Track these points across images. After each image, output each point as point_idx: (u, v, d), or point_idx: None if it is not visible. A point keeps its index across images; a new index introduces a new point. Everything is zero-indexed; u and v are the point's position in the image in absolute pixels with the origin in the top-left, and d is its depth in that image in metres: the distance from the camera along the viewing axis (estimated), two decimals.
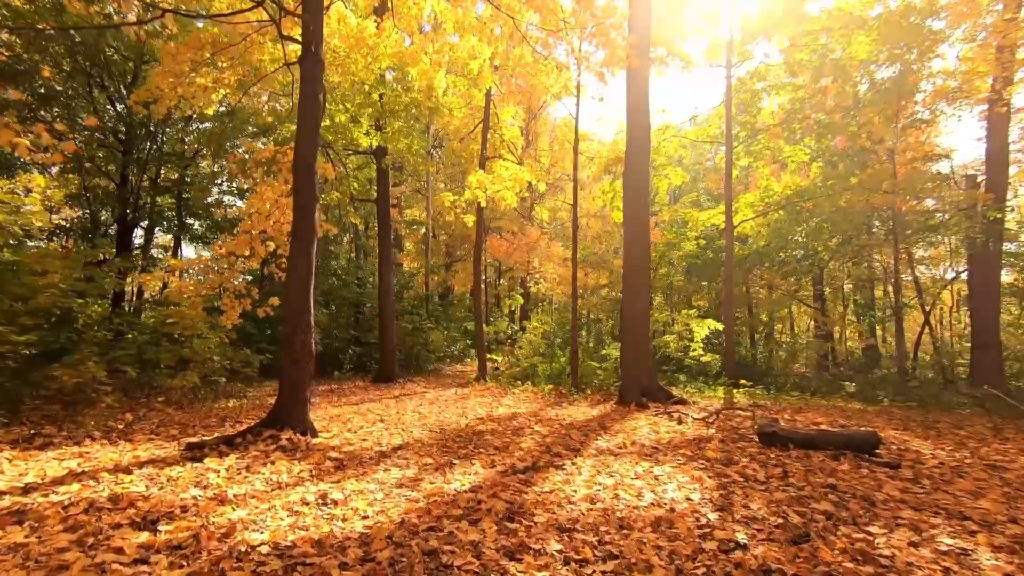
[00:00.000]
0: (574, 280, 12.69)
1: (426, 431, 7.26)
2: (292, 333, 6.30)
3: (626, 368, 10.48)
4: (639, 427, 7.36)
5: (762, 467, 5.10)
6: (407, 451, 5.92)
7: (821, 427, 7.16)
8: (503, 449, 6.01)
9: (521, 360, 15.10)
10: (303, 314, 6.37)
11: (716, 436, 6.53)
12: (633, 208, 10.76)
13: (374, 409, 9.59)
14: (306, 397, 6.33)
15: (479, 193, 12.55)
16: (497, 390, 12.76)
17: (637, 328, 10.50)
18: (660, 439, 6.46)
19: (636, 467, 5.13)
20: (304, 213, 6.48)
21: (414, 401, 10.88)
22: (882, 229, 16.41)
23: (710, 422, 7.52)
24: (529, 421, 8.18)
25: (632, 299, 10.57)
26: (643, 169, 10.79)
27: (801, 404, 10.12)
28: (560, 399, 11.29)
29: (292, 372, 6.26)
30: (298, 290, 6.38)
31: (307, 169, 6.54)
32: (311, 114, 6.60)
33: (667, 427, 7.33)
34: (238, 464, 4.96)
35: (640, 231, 10.67)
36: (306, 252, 6.46)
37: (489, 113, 15.30)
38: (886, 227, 15.97)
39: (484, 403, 10.60)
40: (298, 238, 6.46)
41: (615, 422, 7.96)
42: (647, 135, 10.93)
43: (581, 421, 8.11)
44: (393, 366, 14.65)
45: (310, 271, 6.48)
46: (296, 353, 6.27)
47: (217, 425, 7.35)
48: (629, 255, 10.69)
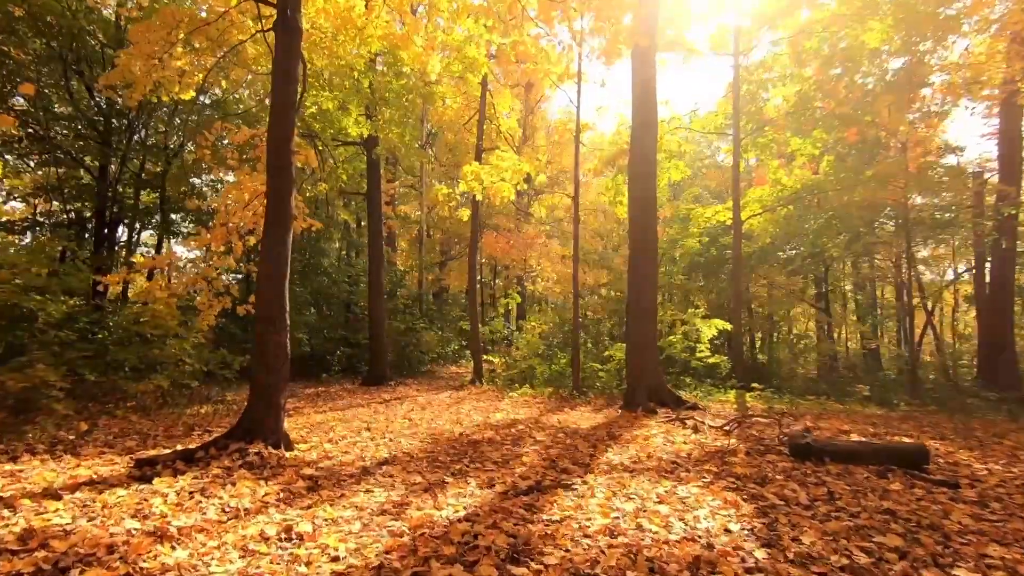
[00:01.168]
0: (575, 277, 12.00)
1: (416, 441, 6.55)
2: (265, 332, 5.58)
3: (632, 370, 9.81)
4: (652, 436, 6.67)
5: (801, 487, 4.42)
6: (394, 466, 5.20)
7: (860, 439, 6.50)
8: (502, 464, 5.31)
9: (519, 361, 14.40)
10: (277, 311, 5.65)
11: (740, 448, 5.85)
12: (639, 195, 10.09)
13: (361, 415, 8.86)
14: (280, 404, 5.61)
15: (474, 185, 11.84)
16: (493, 393, 12.05)
17: (644, 326, 9.83)
18: (678, 451, 5.77)
19: (657, 487, 4.44)
20: (279, 197, 5.77)
21: (405, 405, 10.16)
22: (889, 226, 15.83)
23: (729, 431, 6.84)
24: (529, 429, 7.48)
25: (638, 294, 9.90)
26: (650, 153, 10.12)
27: (819, 409, 9.47)
28: (561, 403, 10.60)
29: (264, 376, 5.54)
30: (272, 284, 5.67)
31: (283, 149, 5.82)
32: (286, 87, 5.89)
33: (683, 436, 6.64)
34: (193, 485, 4.23)
35: (647, 220, 10.01)
36: (281, 241, 5.74)
37: (485, 103, 14.60)
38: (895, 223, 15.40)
39: (480, 408, 9.89)
40: (273, 225, 5.74)
41: (624, 430, 7.27)
42: (654, 118, 10.27)
43: (586, 429, 7.42)
44: (384, 368, 13.92)
45: (285, 262, 5.76)
46: (269, 355, 5.55)
47: (183, 435, 6.61)
48: (635, 246, 10.02)
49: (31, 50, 14.67)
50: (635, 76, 10.47)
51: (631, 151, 10.34)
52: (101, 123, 16.06)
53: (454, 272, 25.28)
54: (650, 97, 10.31)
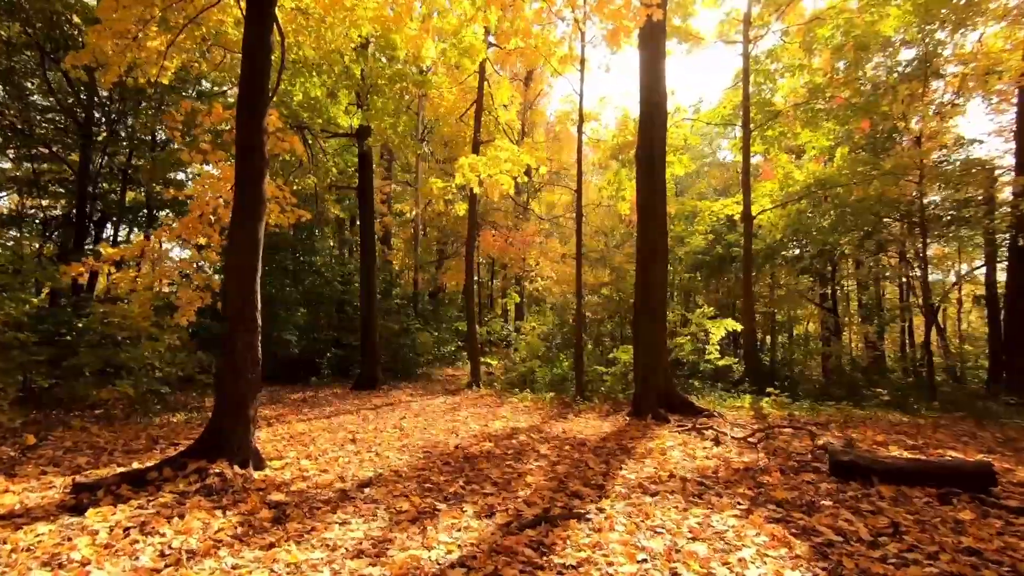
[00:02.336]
0: (578, 275, 11.33)
1: (406, 455, 5.86)
2: (232, 332, 4.89)
3: (641, 373, 9.13)
4: (669, 449, 6.00)
5: (857, 516, 3.75)
6: (378, 488, 4.51)
7: (907, 455, 5.84)
8: (503, 485, 4.62)
9: (518, 364, 13.72)
10: (247, 308, 4.95)
11: (771, 464, 5.18)
12: (648, 186, 9.43)
13: (348, 423, 8.16)
14: (250, 416, 4.91)
15: (471, 178, 11.13)
16: (492, 398, 11.37)
17: (653, 325, 9.16)
18: (702, 468, 5.09)
19: (687, 517, 3.76)
20: (250, 180, 5.07)
21: (397, 412, 9.46)
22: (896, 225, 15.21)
23: (754, 442, 6.18)
24: (532, 440, 6.80)
25: (647, 292, 9.23)
26: (660, 140, 9.47)
27: (841, 416, 8.81)
28: (564, 409, 9.92)
29: (231, 383, 4.84)
30: (241, 277, 4.97)
31: (253, 125, 5.13)
32: (257, 52, 5.19)
33: (703, 450, 5.97)
34: (133, 518, 3.54)
35: (656, 213, 9.34)
36: (251, 230, 5.04)
37: (483, 93, 13.93)
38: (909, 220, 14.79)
39: (477, 415, 9.21)
40: (242, 213, 5.05)
41: (636, 441, 6.60)
42: (663, 101, 9.61)
43: (594, 439, 6.74)
44: (376, 371, 13.21)
45: (256, 253, 5.06)
46: (237, 358, 4.85)
47: (144, 449, 5.91)
48: (644, 241, 9.36)
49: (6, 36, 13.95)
50: (643, 56, 9.82)
51: (639, 138, 9.67)
52: (81, 115, 15.35)
53: (451, 271, 24.59)
54: (659, 78, 9.66)
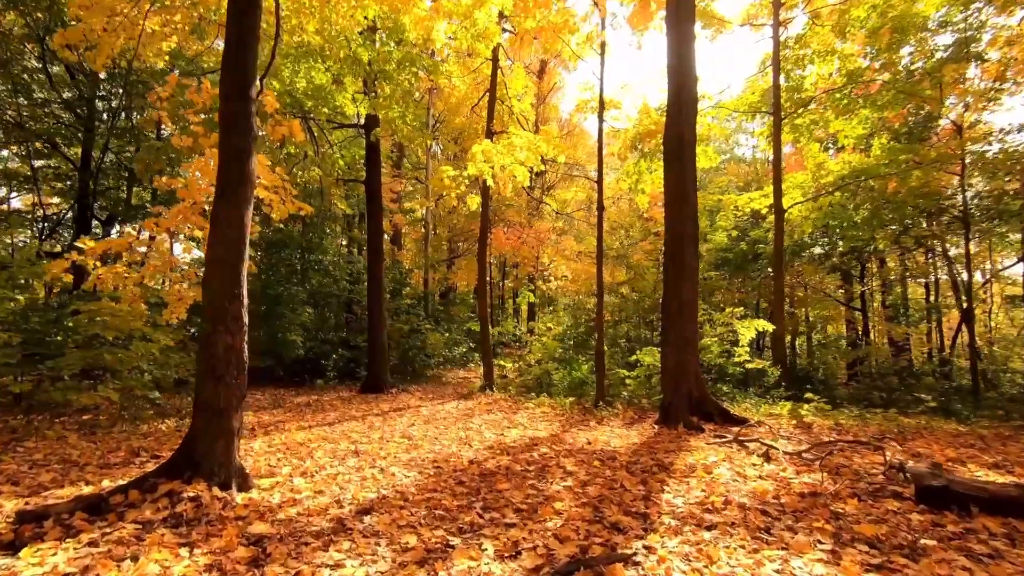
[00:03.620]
0: (599, 272, 10.59)
1: (414, 471, 5.17)
2: (212, 334, 4.22)
3: (670, 376, 8.38)
4: (713, 466, 5.25)
5: (973, 561, 3.00)
6: (380, 515, 3.82)
7: (1004, 480, 5.05)
8: (528, 513, 3.91)
9: (533, 367, 13.00)
10: (230, 305, 4.29)
11: (840, 488, 4.41)
12: (677, 174, 8.67)
13: (352, 431, 7.50)
14: (233, 429, 4.24)
15: (484, 168, 10.46)
16: (506, 403, 10.67)
17: (683, 325, 8.41)
18: (759, 492, 4.34)
19: (761, 562, 3.02)
20: (235, 157, 4.41)
21: (405, 419, 8.79)
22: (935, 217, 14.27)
23: (811, 459, 5.41)
24: (555, 452, 6.09)
25: (677, 288, 8.48)
26: (689, 125, 8.72)
27: (893, 426, 7.99)
28: (585, 416, 9.20)
29: (211, 392, 4.18)
30: (223, 271, 4.31)
31: (238, 96, 4.48)
32: (246, 8, 4.54)
33: (754, 468, 5.21)
34: (76, 560, 2.87)
35: (685, 203, 8.59)
36: (236, 214, 4.38)
37: (496, 82, 13.24)
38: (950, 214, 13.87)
39: (492, 422, 8.51)
40: (225, 197, 4.39)
41: (672, 455, 5.86)
42: (693, 84, 8.84)
43: (625, 453, 6.01)
44: (384, 373, 12.56)
45: (242, 241, 4.40)
46: (217, 363, 4.19)
47: (122, 463, 5.27)
48: (672, 229, 8.61)
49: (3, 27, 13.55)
50: (671, 37, 9.06)
51: (667, 121, 8.92)
52: (83, 109, 14.91)
53: (462, 270, 23.94)
54: (688, 60, 8.90)
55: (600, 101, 10.78)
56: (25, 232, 16.32)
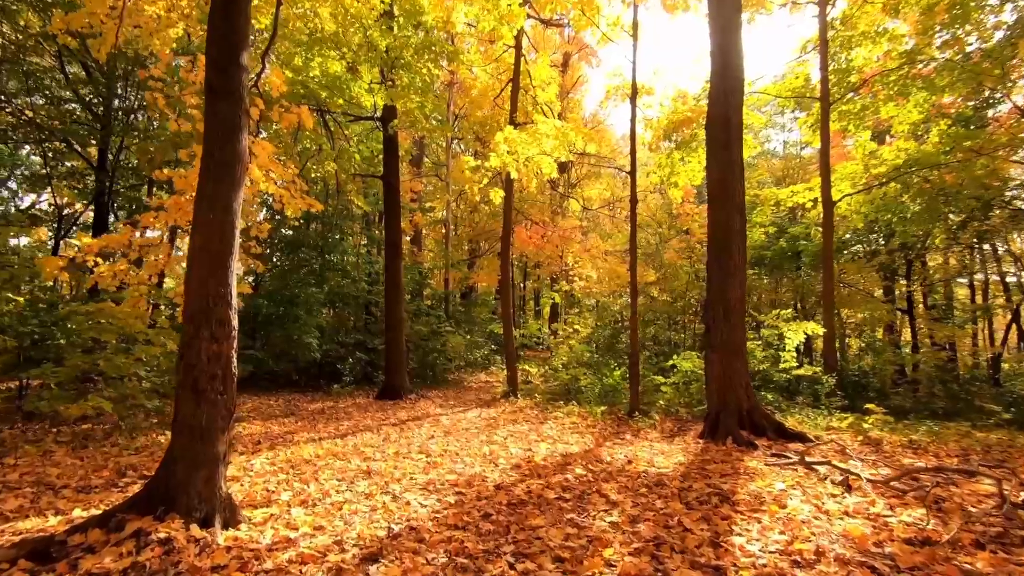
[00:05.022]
0: (633, 270, 9.78)
1: (432, 499, 4.46)
2: (194, 339, 3.57)
3: (716, 386, 7.55)
4: (784, 496, 4.43)
5: None
6: (389, 564, 3.11)
7: None
8: (571, 563, 3.16)
9: (560, 371, 12.23)
10: (217, 306, 3.63)
11: (958, 534, 3.56)
12: (723, 166, 7.85)
13: (365, 444, 6.84)
14: (217, 455, 3.58)
15: (508, 160, 9.74)
16: (532, 412, 9.92)
17: (730, 326, 7.58)
18: (855, 536, 3.51)
19: None
20: (223, 132, 3.76)
21: (424, 430, 8.11)
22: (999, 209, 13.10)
23: (902, 489, 4.54)
24: (592, 474, 5.32)
25: (722, 289, 7.65)
26: (735, 105, 7.90)
27: (971, 442, 7.03)
28: (619, 427, 8.42)
29: (191, 410, 3.52)
30: (207, 264, 3.66)
31: (228, 56, 3.83)
32: None
33: (835, 500, 4.37)
34: None
35: (732, 196, 7.76)
36: (223, 198, 3.72)
37: (519, 71, 12.52)
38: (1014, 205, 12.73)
39: (518, 434, 7.78)
40: (211, 174, 3.74)
41: (729, 479, 5.05)
42: (739, 65, 8.00)
43: (673, 476, 5.22)
44: (401, 378, 11.92)
45: (230, 230, 3.74)
46: (198, 376, 3.53)
47: (105, 485, 4.66)
48: (717, 223, 7.79)
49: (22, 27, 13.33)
50: (713, 14, 8.23)
51: (711, 104, 8.10)
52: (100, 106, 14.67)
53: (483, 270, 23.27)
54: (733, 36, 8.06)
55: (633, 86, 9.98)
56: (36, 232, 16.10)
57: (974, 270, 15.28)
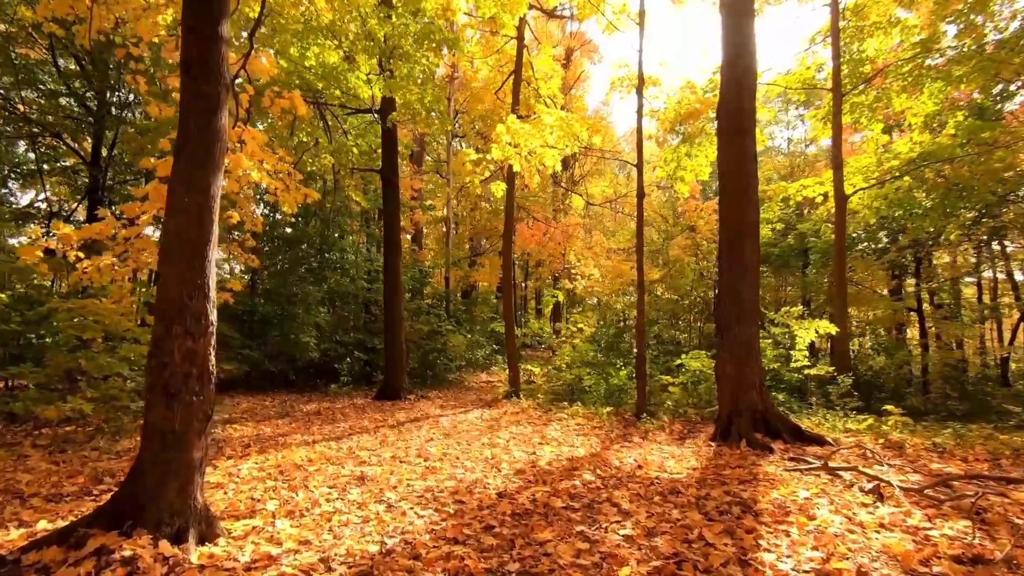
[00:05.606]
0: (639, 267, 9.44)
1: (430, 509, 4.12)
2: (165, 335, 3.24)
3: (728, 386, 7.21)
4: (810, 506, 4.09)
5: None
6: None
7: None
8: None
9: (563, 371, 11.89)
10: (193, 299, 3.30)
11: (1013, 550, 3.22)
12: (735, 158, 7.51)
13: (361, 447, 6.51)
14: (192, 462, 3.25)
15: (510, 152, 9.41)
16: (536, 413, 9.59)
17: (743, 324, 7.24)
18: (900, 555, 3.17)
19: None
20: (199, 104, 3.43)
21: (423, 431, 7.78)
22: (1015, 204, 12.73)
23: (938, 499, 4.20)
24: (601, 480, 4.99)
25: (735, 286, 7.30)
26: (749, 92, 7.56)
27: (998, 446, 6.67)
28: (625, 429, 8.08)
29: (162, 413, 3.19)
30: (182, 252, 3.33)
31: (206, 24, 3.50)
32: None
33: (866, 510, 4.03)
34: None
35: (745, 179, 7.43)
36: (201, 177, 3.40)
37: (522, 63, 12.18)
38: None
39: (521, 436, 7.44)
40: (187, 150, 3.42)
41: (748, 486, 4.71)
42: (752, 51, 7.66)
43: (688, 482, 4.88)
44: (400, 378, 11.59)
45: (208, 215, 3.41)
46: (171, 374, 3.20)
47: (77, 494, 4.34)
48: (729, 215, 7.46)
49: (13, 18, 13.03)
50: None
51: (722, 97, 7.76)
52: (94, 100, 14.37)
53: (484, 269, 22.93)
54: (746, 21, 7.72)
55: (640, 76, 9.64)
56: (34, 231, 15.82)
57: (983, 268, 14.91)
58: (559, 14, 14.21)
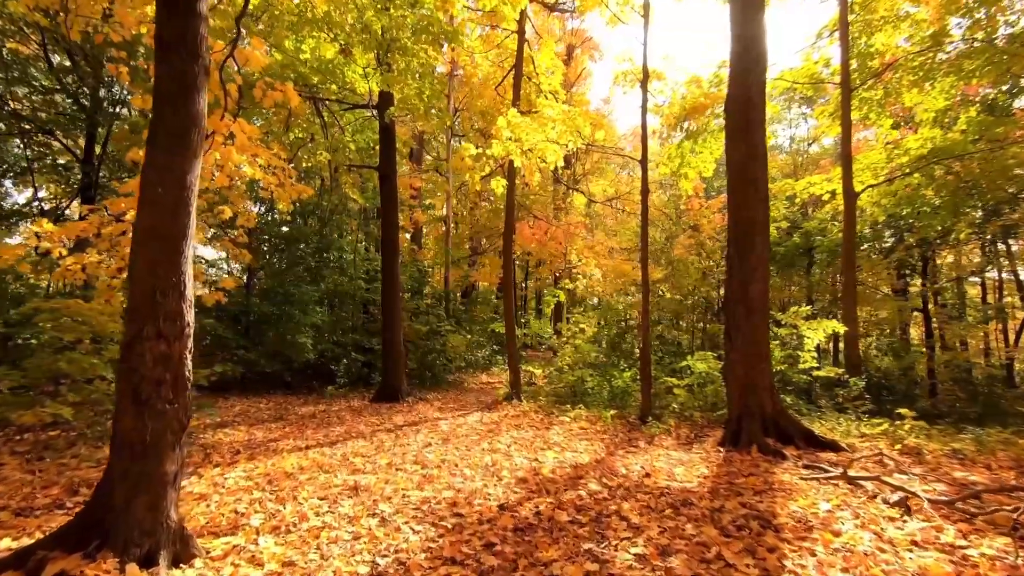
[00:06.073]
0: (644, 265, 9.16)
1: (427, 524, 3.85)
2: (136, 337, 2.96)
3: (737, 390, 6.94)
4: (833, 519, 3.82)
5: None
6: None
7: None
8: None
9: (565, 373, 11.62)
10: (164, 295, 3.03)
11: None
12: (744, 151, 7.23)
13: (356, 453, 6.23)
14: (165, 476, 2.98)
15: (511, 147, 9.13)
16: (537, 416, 9.31)
17: (751, 328, 6.96)
18: (932, 574, 2.91)
19: None
20: (176, 92, 3.16)
21: (421, 436, 7.50)
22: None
23: (969, 512, 3.93)
24: (608, 489, 4.72)
25: (744, 284, 7.03)
26: (758, 85, 7.29)
27: (1019, 451, 6.40)
28: (630, 433, 7.81)
29: (133, 422, 2.92)
30: (154, 242, 3.06)
31: (183, 4, 3.22)
32: None
33: (894, 524, 3.76)
34: None
35: (753, 173, 7.15)
36: (177, 165, 3.12)
37: (523, 57, 11.90)
38: None
39: (523, 441, 7.17)
40: (161, 134, 3.14)
41: (764, 497, 4.44)
42: (762, 36, 7.38)
43: (700, 492, 4.61)
44: (398, 379, 11.30)
45: (184, 207, 3.14)
46: (142, 380, 2.93)
47: (49, 507, 4.06)
48: (738, 211, 7.18)
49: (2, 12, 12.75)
50: None
51: (730, 89, 7.48)
52: (87, 97, 14.11)
53: (484, 268, 22.65)
54: (756, 15, 7.44)
55: (644, 69, 9.36)
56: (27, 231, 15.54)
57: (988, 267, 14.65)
58: (561, 6, 13.91)
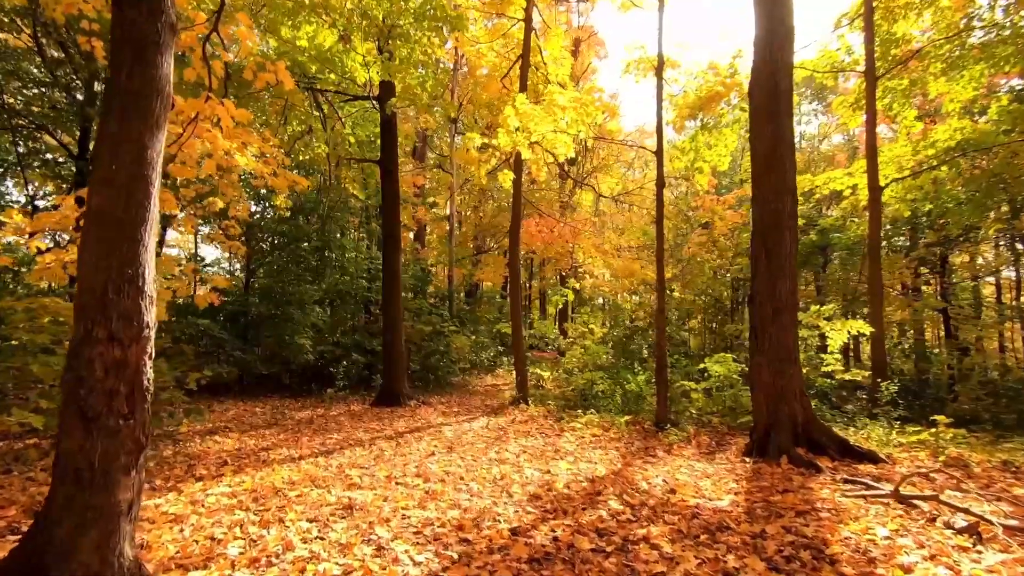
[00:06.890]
0: (659, 263, 8.66)
1: (428, 554, 3.36)
2: (83, 340, 2.49)
3: (765, 396, 6.43)
4: (897, 550, 3.32)
5: None
6: None
7: None
8: None
9: (575, 375, 11.13)
10: (117, 291, 2.56)
11: None
12: (769, 141, 6.73)
13: (353, 465, 5.75)
14: (117, 505, 2.50)
15: (518, 138, 8.66)
16: (547, 421, 8.82)
17: (779, 330, 6.46)
18: None
19: None
20: (133, 47, 2.69)
21: (423, 444, 7.03)
22: None
23: None
24: (632, 510, 4.23)
25: (770, 283, 6.53)
26: (785, 67, 6.79)
27: None
28: (647, 441, 7.32)
29: (78, 441, 2.45)
30: (108, 232, 2.58)
31: None
32: None
33: (967, 555, 3.26)
34: None
35: (781, 163, 6.65)
36: (135, 141, 2.65)
37: (529, 47, 11.41)
38: None
39: (532, 450, 6.68)
40: (116, 104, 2.68)
41: (809, 519, 3.94)
42: (789, 15, 6.88)
43: (736, 514, 4.12)
44: (400, 382, 10.83)
45: (144, 183, 2.66)
46: (89, 393, 2.46)
47: (2, 532, 3.61)
48: (764, 203, 6.68)
49: None
50: None
51: (755, 71, 6.97)
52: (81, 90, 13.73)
53: (489, 267, 22.17)
54: None
55: (660, 56, 8.87)
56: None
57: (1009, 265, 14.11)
58: None
